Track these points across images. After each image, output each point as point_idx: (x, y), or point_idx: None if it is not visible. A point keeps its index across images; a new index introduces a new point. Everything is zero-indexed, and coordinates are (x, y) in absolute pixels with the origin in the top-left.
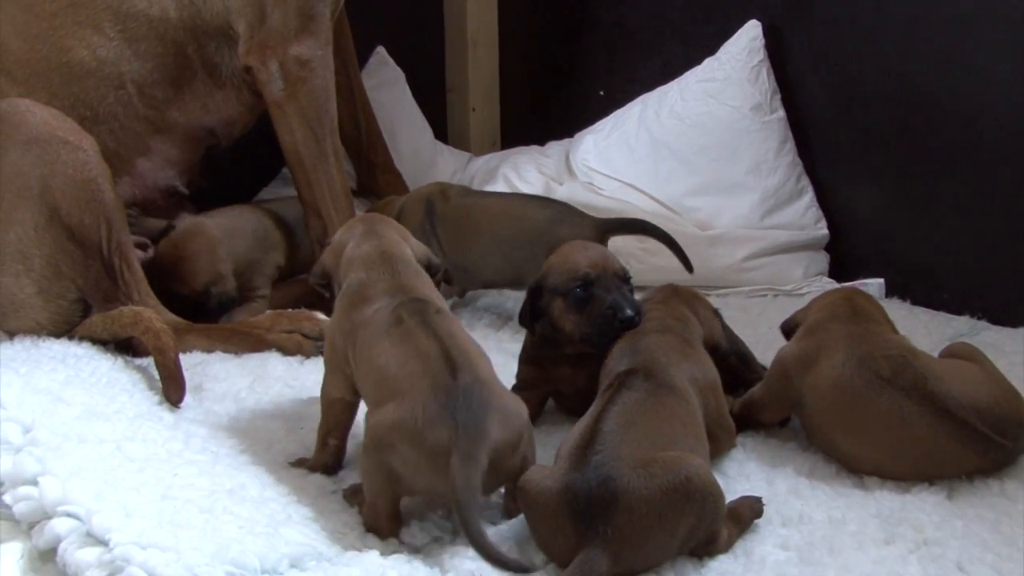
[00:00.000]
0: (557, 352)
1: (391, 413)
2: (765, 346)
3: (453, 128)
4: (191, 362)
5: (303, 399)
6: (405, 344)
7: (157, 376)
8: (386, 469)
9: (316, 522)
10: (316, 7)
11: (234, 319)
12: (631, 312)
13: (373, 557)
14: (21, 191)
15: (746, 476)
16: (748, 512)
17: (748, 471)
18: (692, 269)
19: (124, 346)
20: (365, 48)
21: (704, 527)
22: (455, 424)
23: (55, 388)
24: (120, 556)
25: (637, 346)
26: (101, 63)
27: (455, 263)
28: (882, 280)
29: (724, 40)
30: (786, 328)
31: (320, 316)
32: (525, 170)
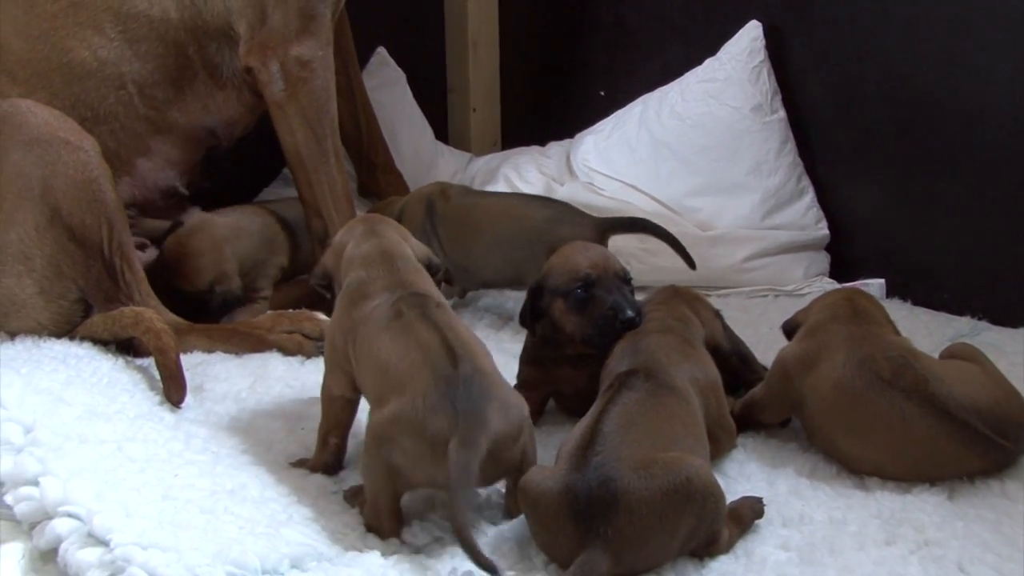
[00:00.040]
0: (558, 353)
1: (392, 407)
2: (766, 346)
3: (454, 128)
4: (192, 362)
5: (304, 399)
6: (405, 337)
7: (158, 376)
8: (387, 464)
9: (317, 522)
10: (317, 8)
11: (235, 319)
12: (632, 313)
13: (374, 557)
14: (22, 191)
15: (747, 476)
16: (749, 512)
17: (749, 471)
18: (694, 266)
19: (125, 346)
20: (366, 48)
21: (705, 528)
22: (455, 412)
23: (56, 388)
24: (121, 556)
25: (638, 346)
26: (102, 64)
27: (455, 263)
28: (883, 280)
29: (725, 40)
30: (787, 328)
31: (321, 316)
32: (526, 170)
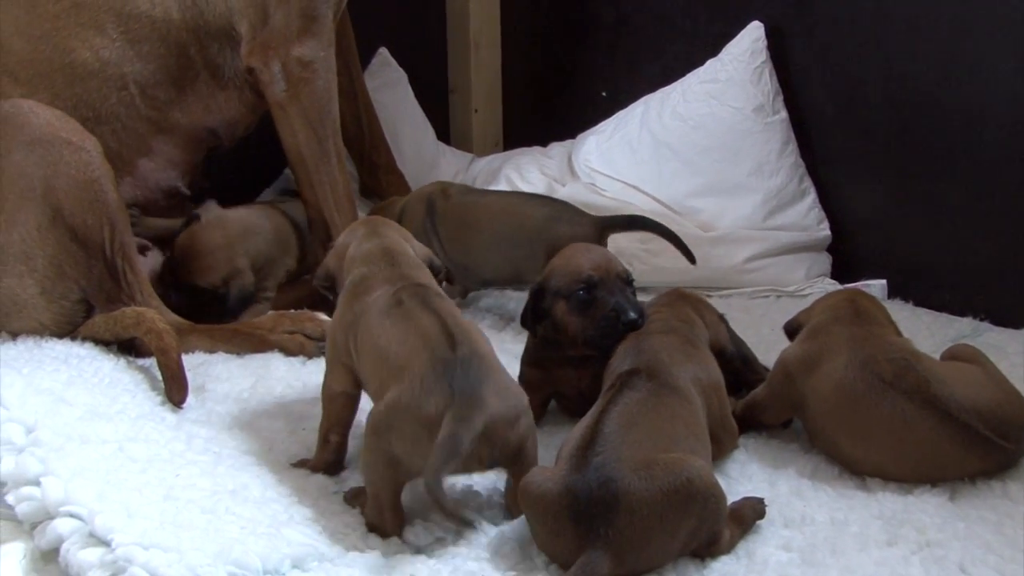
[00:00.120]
0: (559, 354)
1: (390, 394)
2: (767, 347)
3: (455, 129)
4: (193, 363)
5: (305, 400)
6: (405, 323)
7: (160, 377)
8: (386, 455)
9: (318, 523)
10: (318, 8)
11: (238, 319)
12: (634, 314)
13: (375, 557)
14: (24, 192)
15: (748, 477)
16: (750, 513)
17: (750, 472)
18: (695, 261)
19: (127, 347)
20: (367, 49)
21: (706, 528)
22: (451, 392)
23: (58, 388)
24: (122, 556)
25: (641, 346)
26: (104, 64)
27: (456, 261)
28: (884, 281)
29: (726, 41)
30: (789, 329)
31: (322, 317)
32: (527, 171)
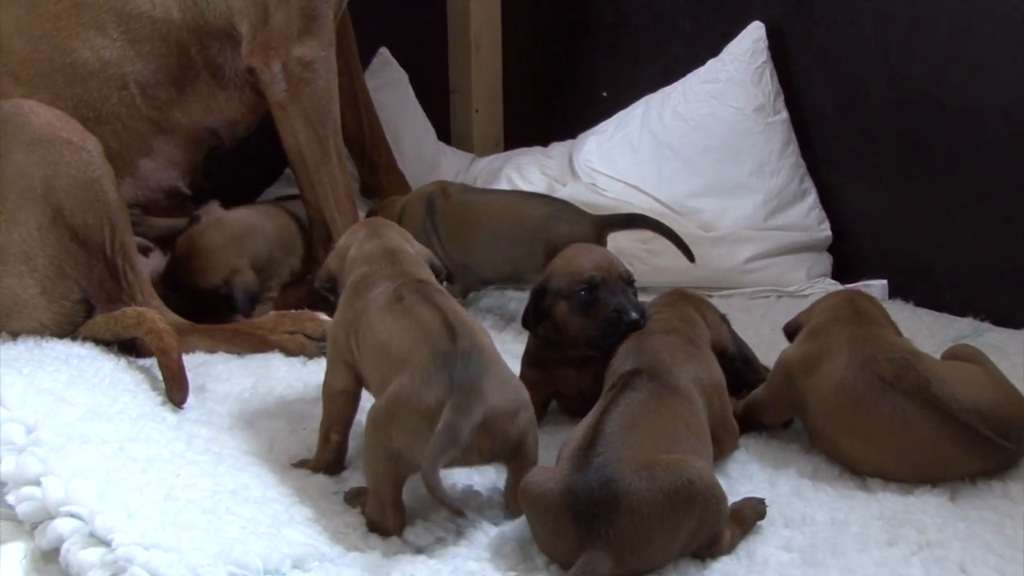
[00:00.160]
0: (560, 354)
1: (391, 388)
2: (768, 347)
3: (456, 129)
4: (194, 363)
5: (306, 400)
6: (406, 318)
7: (160, 377)
8: (387, 449)
9: (318, 523)
10: (319, 8)
11: (239, 319)
12: (636, 315)
13: (376, 558)
14: (25, 192)
15: (749, 477)
16: (751, 513)
17: (751, 472)
18: (694, 258)
19: (127, 347)
20: (368, 49)
21: (706, 529)
22: (451, 384)
23: (58, 389)
24: (123, 556)
25: (642, 346)
26: (104, 64)
27: (456, 260)
28: (885, 281)
29: (727, 41)
30: (789, 330)
31: (323, 317)
32: (528, 171)
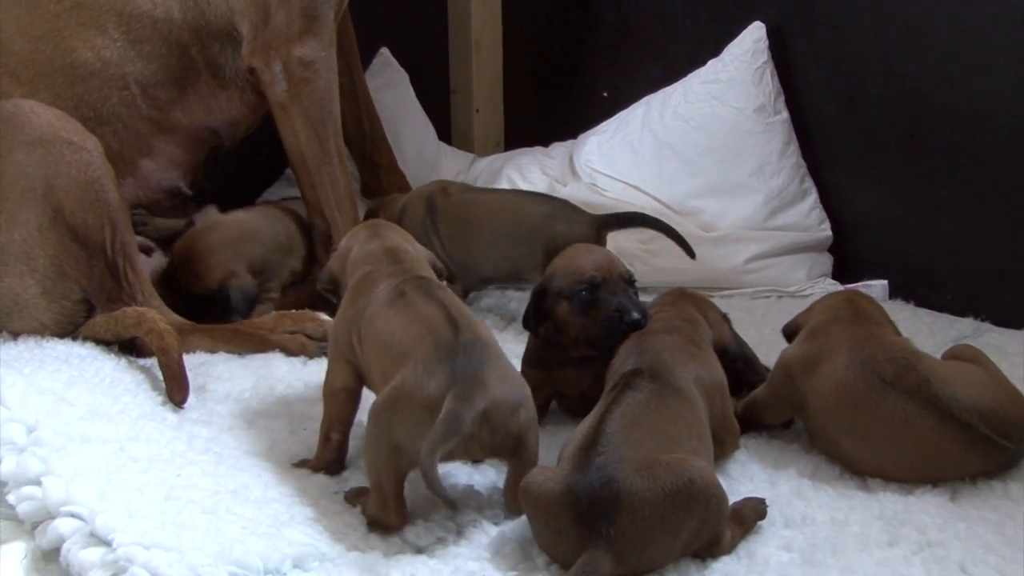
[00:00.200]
0: (561, 355)
1: (394, 381)
2: (768, 347)
3: (457, 129)
4: (195, 363)
5: (306, 400)
6: (409, 312)
7: (161, 377)
8: (389, 442)
9: (319, 523)
10: (320, 8)
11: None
12: (637, 314)
13: (376, 558)
14: (25, 192)
15: (749, 477)
16: (751, 514)
17: (751, 472)
18: (694, 255)
19: (128, 347)
20: (369, 49)
21: (707, 529)
22: (453, 374)
23: (59, 388)
24: (123, 556)
25: (643, 346)
26: (105, 64)
27: (455, 259)
28: (885, 282)
29: (728, 41)
30: (788, 331)
31: (323, 317)
32: (529, 171)
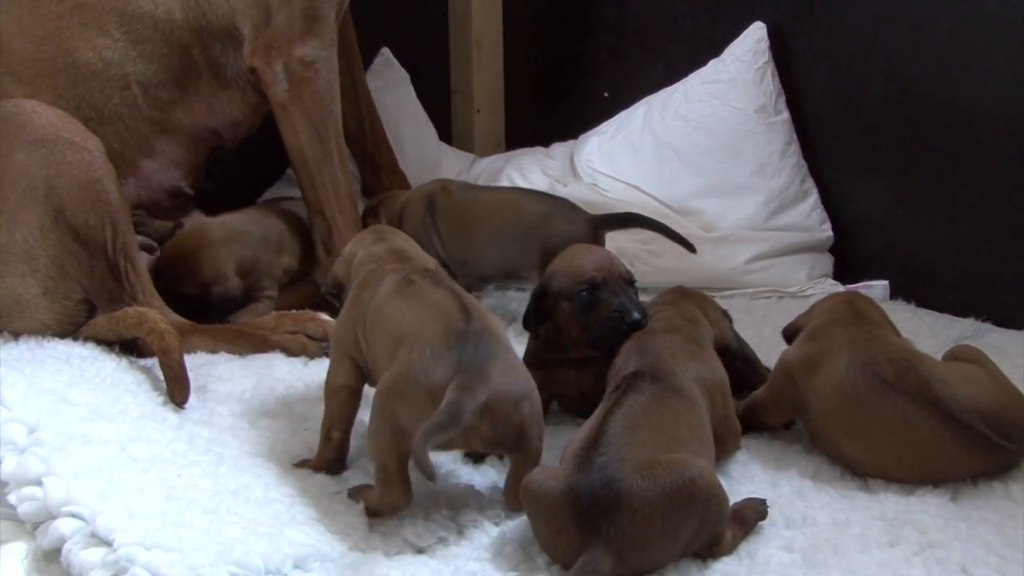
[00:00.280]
0: (561, 355)
1: (402, 361)
2: (769, 348)
3: (457, 129)
4: (195, 363)
5: (307, 400)
6: (418, 298)
7: (161, 377)
8: (392, 423)
9: (320, 523)
10: (321, 8)
11: (239, 320)
12: (638, 315)
13: (377, 558)
14: (26, 192)
15: (750, 478)
16: (752, 514)
17: (752, 473)
18: (694, 249)
19: (129, 347)
20: (370, 49)
21: (708, 529)
22: (459, 363)
23: (60, 388)
24: (124, 556)
25: (644, 347)
26: (106, 64)
27: (455, 257)
28: (886, 282)
29: (729, 42)
30: (788, 333)
31: (324, 317)
32: (529, 171)
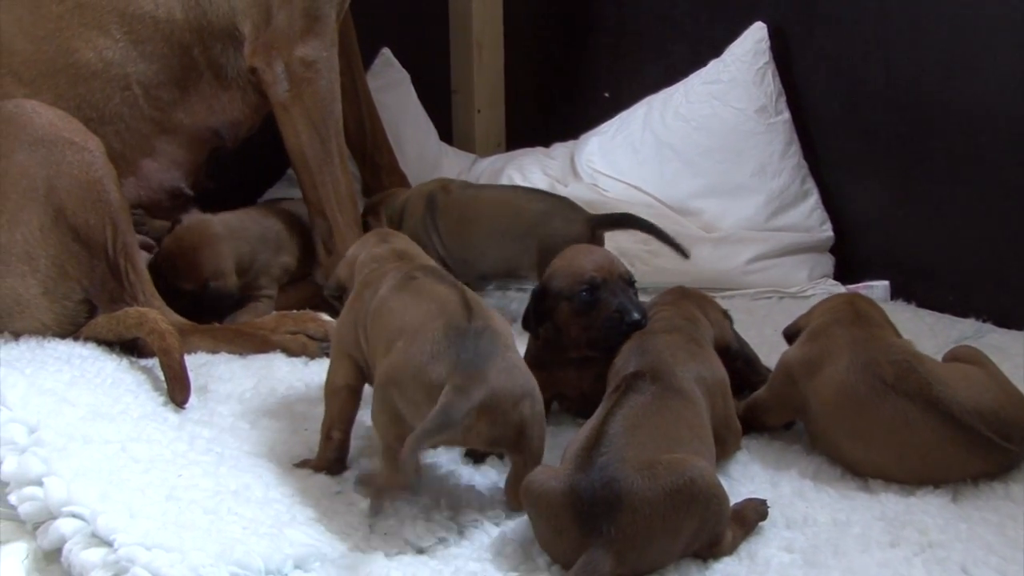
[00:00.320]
0: (561, 355)
1: (403, 351)
2: (770, 348)
3: (458, 130)
4: (196, 363)
5: (308, 400)
6: (420, 294)
7: (162, 377)
8: (391, 409)
9: (320, 523)
10: (322, 8)
11: (239, 320)
12: (638, 315)
13: (377, 558)
14: (27, 192)
15: (750, 478)
16: (752, 514)
17: (752, 473)
18: (688, 255)
19: (129, 347)
20: (370, 49)
21: (708, 529)
22: (456, 363)
23: (60, 389)
24: (125, 556)
25: (644, 347)
26: (107, 64)
27: (455, 256)
28: (887, 282)
29: (729, 42)
30: (788, 334)
31: (325, 317)
32: (530, 172)
